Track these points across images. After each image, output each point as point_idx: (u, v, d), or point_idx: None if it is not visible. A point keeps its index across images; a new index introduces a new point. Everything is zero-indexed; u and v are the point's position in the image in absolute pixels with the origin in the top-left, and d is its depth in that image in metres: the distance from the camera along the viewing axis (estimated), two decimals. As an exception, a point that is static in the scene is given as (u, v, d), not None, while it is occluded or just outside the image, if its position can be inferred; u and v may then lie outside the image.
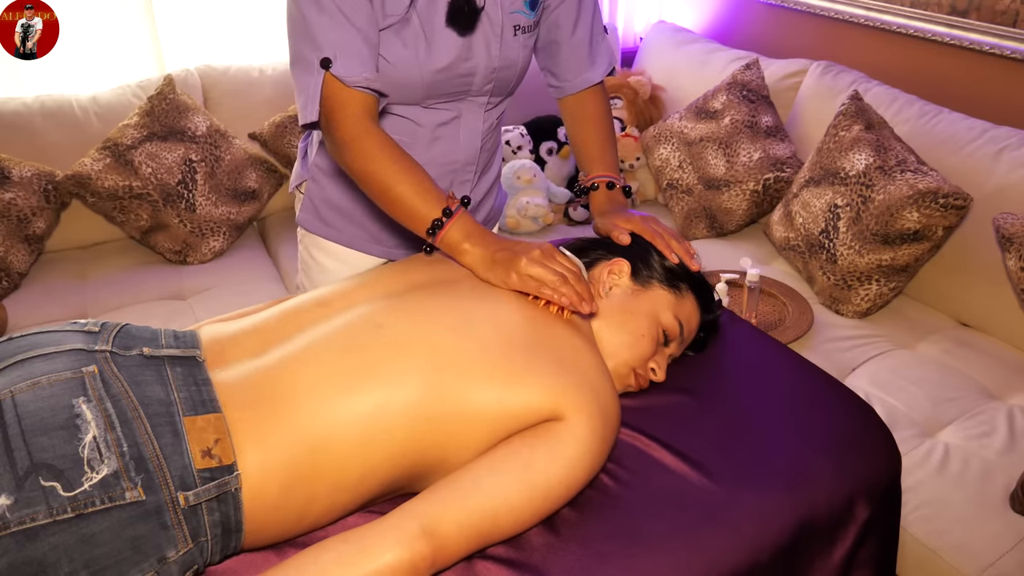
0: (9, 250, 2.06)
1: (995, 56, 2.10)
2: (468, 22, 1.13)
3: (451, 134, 1.24)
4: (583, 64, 1.33)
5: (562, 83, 1.36)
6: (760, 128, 2.40)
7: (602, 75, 1.36)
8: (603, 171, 1.32)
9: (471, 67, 1.17)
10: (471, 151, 1.27)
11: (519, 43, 1.21)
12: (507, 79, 1.23)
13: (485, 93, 1.23)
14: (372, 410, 0.88)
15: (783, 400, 1.15)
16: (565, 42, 1.31)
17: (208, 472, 0.81)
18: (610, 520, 0.93)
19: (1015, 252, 1.74)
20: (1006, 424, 1.63)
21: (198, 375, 0.88)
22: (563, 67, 1.34)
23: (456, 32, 1.13)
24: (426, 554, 0.80)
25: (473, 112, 1.24)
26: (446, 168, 1.27)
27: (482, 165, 1.32)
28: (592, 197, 1.32)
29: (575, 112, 1.38)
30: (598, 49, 1.35)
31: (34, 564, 0.73)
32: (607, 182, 1.30)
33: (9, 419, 0.77)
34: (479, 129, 1.26)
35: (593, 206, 1.31)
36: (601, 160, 1.33)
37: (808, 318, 1.95)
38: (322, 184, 1.30)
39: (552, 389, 0.91)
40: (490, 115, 1.27)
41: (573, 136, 1.39)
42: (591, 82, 1.35)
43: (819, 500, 1.01)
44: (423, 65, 1.14)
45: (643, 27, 3.22)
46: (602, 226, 1.24)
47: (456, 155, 1.26)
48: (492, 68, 1.19)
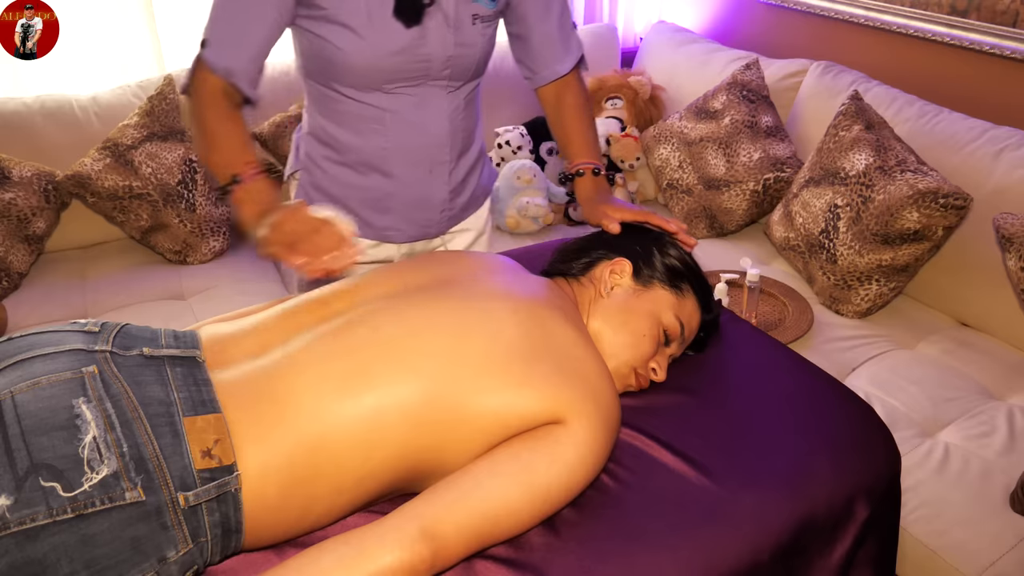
0: (9, 250, 2.06)
1: (995, 56, 2.10)
2: (413, 15, 1.17)
3: (418, 118, 1.27)
4: (554, 55, 1.39)
5: (534, 74, 1.42)
6: (760, 128, 2.40)
7: (571, 66, 1.41)
8: (587, 158, 1.37)
9: (426, 54, 1.21)
10: (442, 133, 1.30)
11: (477, 31, 1.24)
12: (465, 65, 1.26)
13: (444, 77, 1.26)
14: (370, 412, 0.88)
15: (783, 400, 1.15)
16: (535, 34, 1.36)
17: (208, 472, 0.81)
18: (610, 520, 0.93)
19: (1015, 252, 1.74)
20: (1006, 424, 1.63)
21: (198, 375, 0.88)
22: (534, 58, 1.40)
23: (402, 24, 1.17)
24: (425, 556, 0.80)
25: (436, 95, 1.27)
26: (421, 152, 1.30)
27: (458, 146, 1.34)
28: (578, 184, 1.37)
29: (555, 102, 1.43)
30: (568, 40, 1.40)
31: (34, 564, 0.73)
32: (592, 168, 1.35)
33: (9, 419, 0.77)
34: (445, 111, 1.29)
35: (579, 192, 1.36)
36: (584, 147, 1.39)
37: (808, 318, 1.95)
38: (313, 173, 1.35)
39: (552, 394, 0.91)
40: (455, 97, 1.30)
41: (554, 125, 1.44)
42: (560, 73, 1.40)
43: (819, 500, 1.01)
44: (376, 51, 1.18)
45: (643, 27, 3.22)
46: (591, 215, 1.28)
47: (428, 138, 1.29)
48: (447, 56, 1.23)
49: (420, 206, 1.35)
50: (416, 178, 1.32)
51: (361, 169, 1.31)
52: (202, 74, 1.18)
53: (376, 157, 1.29)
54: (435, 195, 1.35)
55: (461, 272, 1.08)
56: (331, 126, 1.29)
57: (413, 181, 1.32)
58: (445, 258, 1.14)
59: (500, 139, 2.64)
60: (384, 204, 1.34)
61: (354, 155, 1.30)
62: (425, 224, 1.38)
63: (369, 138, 1.28)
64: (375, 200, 1.33)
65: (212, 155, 1.16)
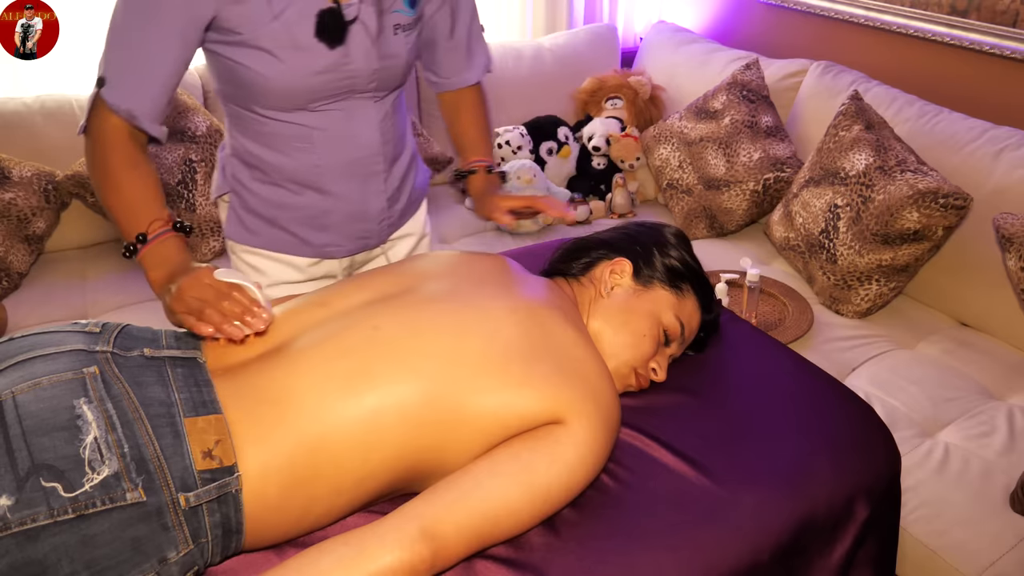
0: (9, 250, 2.06)
1: (995, 56, 2.10)
2: (336, 35, 1.12)
3: (347, 132, 1.24)
4: (461, 64, 1.40)
5: (440, 80, 1.42)
6: (760, 128, 2.40)
7: (479, 76, 1.42)
8: (480, 156, 1.41)
9: (351, 70, 1.17)
10: (373, 144, 1.27)
11: (400, 41, 1.21)
12: (391, 76, 1.23)
13: (370, 90, 1.22)
14: (370, 412, 0.88)
15: (783, 400, 1.15)
16: (443, 43, 1.36)
17: (209, 473, 0.81)
18: (610, 520, 0.93)
19: (1015, 252, 1.74)
20: (1006, 424, 1.63)
21: (199, 376, 0.88)
22: (441, 66, 1.40)
23: (326, 45, 1.12)
24: (425, 556, 0.80)
25: (363, 107, 1.23)
26: (355, 166, 1.27)
27: (390, 155, 1.31)
28: (471, 180, 1.41)
29: (454, 102, 1.44)
30: (475, 50, 1.40)
31: (35, 565, 0.73)
32: (486, 166, 1.40)
33: (10, 419, 0.77)
34: (374, 121, 1.25)
35: (472, 188, 1.40)
36: (478, 146, 1.42)
37: (808, 318, 1.95)
38: (243, 196, 1.29)
39: (551, 395, 0.91)
40: (382, 106, 1.26)
41: (451, 124, 1.46)
42: (468, 82, 1.42)
43: (819, 500, 1.01)
44: (298, 74, 1.13)
45: (643, 27, 3.22)
46: (482, 209, 1.33)
47: (359, 151, 1.26)
48: (373, 70, 1.19)
49: (358, 218, 1.31)
50: (352, 191, 1.28)
51: (294, 188, 1.25)
52: (102, 114, 1.08)
53: (309, 175, 1.24)
54: (373, 206, 1.31)
55: (461, 272, 1.08)
56: (256, 147, 1.23)
57: (349, 194, 1.28)
58: (445, 258, 1.14)
59: (500, 139, 2.64)
60: (321, 221, 1.29)
61: (285, 175, 1.24)
62: (365, 236, 1.34)
63: (298, 157, 1.23)
64: (311, 218, 1.28)
65: (116, 208, 1.08)
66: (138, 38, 1.06)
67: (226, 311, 0.92)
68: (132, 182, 1.09)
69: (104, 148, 1.09)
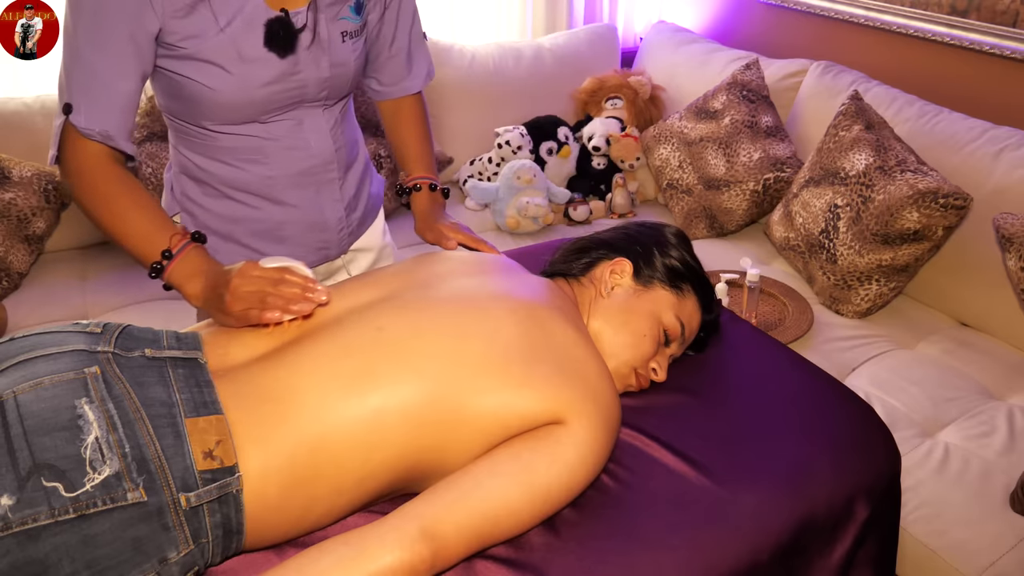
0: (9, 250, 2.06)
1: (995, 56, 2.10)
2: (286, 44, 1.11)
3: (299, 142, 1.22)
4: (402, 73, 1.37)
5: (381, 88, 1.39)
6: (760, 128, 2.40)
7: (421, 85, 1.40)
8: (423, 172, 1.39)
9: (301, 80, 1.16)
10: (326, 152, 1.25)
11: (348, 48, 1.20)
12: (341, 84, 1.22)
13: (320, 99, 1.21)
14: (371, 413, 0.88)
15: (783, 400, 1.15)
16: (384, 51, 1.34)
17: (209, 473, 0.82)
18: (610, 520, 0.93)
19: (1015, 252, 1.74)
20: (1006, 424, 1.63)
21: (200, 377, 0.89)
22: (383, 74, 1.37)
23: (276, 55, 1.11)
24: (425, 556, 0.81)
25: (313, 116, 1.22)
26: (308, 175, 1.25)
27: (343, 162, 1.30)
28: (414, 198, 1.38)
29: (394, 113, 1.42)
30: (417, 58, 1.38)
31: (36, 564, 0.73)
32: (429, 183, 1.37)
33: (11, 419, 0.77)
34: (325, 129, 1.24)
35: (415, 206, 1.37)
36: (421, 161, 1.40)
37: (808, 318, 1.96)
38: (195, 213, 1.26)
39: (552, 395, 0.91)
40: (331, 113, 1.25)
41: (392, 136, 1.44)
42: (409, 91, 1.40)
43: (819, 500, 1.01)
44: (247, 85, 1.11)
45: (643, 27, 3.22)
46: (427, 231, 1.31)
47: (312, 160, 1.24)
48: (323, 79, 1.18)
49: (317, 228, 1.29)
50: (307, 200, 1.26)
51: (248, 200, 1.23)
52: (76, 144, 1.06)
53: (263, 186, 1.22)
54: (330, 215, 1.29)
55: (462, 272, 1.08)
56: (206, 162, 1.21)
57: (304, 204, 1.26)
58: (446, 258, 1.14)
59: (500, 139, 2.64)
60: (278, 233, 1.27)
61: (237, 187, 1.22)
62: (324, 246, 1.32)
63: (251, 169, 1.21)
64: (267, 231, 1.26)
65: (127, 236, 1.07)
66: (94, 59, 1.04)
67: (286, 295, 0.93)
68: (136, 206, 1.08)
69: (93, 179, 1.08)
